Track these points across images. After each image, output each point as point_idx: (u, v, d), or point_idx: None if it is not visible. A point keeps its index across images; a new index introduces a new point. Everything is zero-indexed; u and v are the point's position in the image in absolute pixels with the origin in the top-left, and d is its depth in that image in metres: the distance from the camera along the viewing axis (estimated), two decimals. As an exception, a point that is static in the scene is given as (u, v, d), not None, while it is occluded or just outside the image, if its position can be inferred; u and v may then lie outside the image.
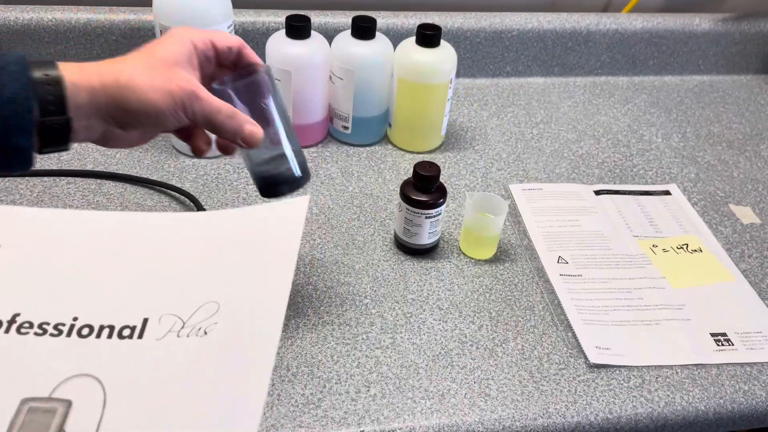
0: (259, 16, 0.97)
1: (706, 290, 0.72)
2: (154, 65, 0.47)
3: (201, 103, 0.48)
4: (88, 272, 0.42)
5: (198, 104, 0.48)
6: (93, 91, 0.45)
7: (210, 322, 0.39)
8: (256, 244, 0.44)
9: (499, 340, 0.64)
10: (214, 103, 0.49)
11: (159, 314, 0.40)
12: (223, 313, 0.40)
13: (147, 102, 0.46)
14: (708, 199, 0.87)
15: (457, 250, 0.74)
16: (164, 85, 0.47)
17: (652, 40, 1.12)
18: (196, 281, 0.42)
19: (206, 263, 0.43)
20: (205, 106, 0.49)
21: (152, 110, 0.47)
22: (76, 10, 0.93)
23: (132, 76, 0.46)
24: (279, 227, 0.45)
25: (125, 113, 0.47)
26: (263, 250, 0.44)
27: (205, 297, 0.41)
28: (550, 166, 0.90)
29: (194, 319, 0.40)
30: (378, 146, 0.91)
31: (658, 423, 0.59)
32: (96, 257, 0.43)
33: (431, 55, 0.83)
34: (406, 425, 0.56)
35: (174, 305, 0.40)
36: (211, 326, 0.39)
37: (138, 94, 0.46)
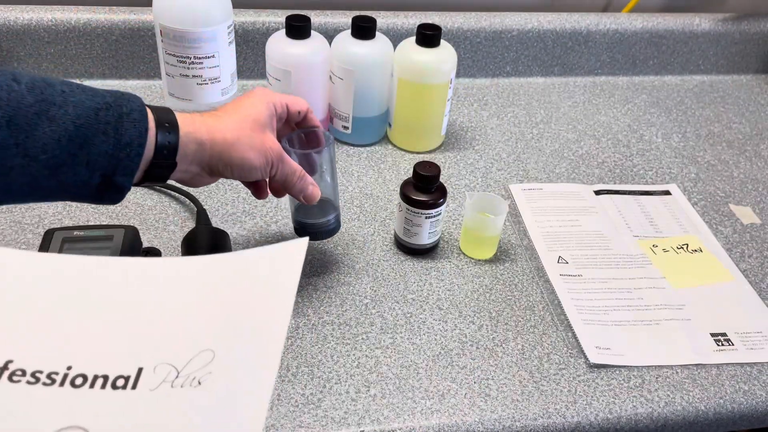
0: (259, 16, 0.97)
1: (706, 290, 0.72)
2: (252, 127, 0.55)
3: (284, 165, 0.57)
4: (83, 319, 0.42)
5: (281, 166, 0.57)
6: (201, 144, 0.52)
7: (204, 372, 0.39)
8: (253, 289, 0.44)
9: (499, 340, 0.64)
10: (293, 166, 0.58)
11: (154, 363, 0.39)
12: (218, 362, 0.39)
13: (246, 159, 0.54)
14: (708, 199, 0.87)
15: (457, 250, 0.74)
16: (260, 147, 0.54)
17: (652, 40, 1.12)
18: (192, 328, 0.42)
19: (202, 309, 0.43)
20: (287, 168, 0.57)
21: (248, 167, 0.54)
22: (76, 10, 0.93)
23: (237, 137, 0.53)
24: (276, 271, 0.45)
25: (225, 166, 0.54)
26: (259, 296, 0.43)
27: (201, 345, 0.40)
28: (550, 166, 0.90)
29: (189, 368, 0.39)
30: (378, 146, 0.91)
31: (658, 423, 0.59)
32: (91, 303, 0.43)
33: (431, 55, 0.83)
34: (406, 425, 0.56)
35: (169, 353, 0.40)
36: (205, 376, 0.38)
37: (240, 152, 0.53)
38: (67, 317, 0.42)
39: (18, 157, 0.44)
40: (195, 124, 0.51)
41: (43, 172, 0.45)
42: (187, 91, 0.77)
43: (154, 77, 0.98)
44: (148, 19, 0.93)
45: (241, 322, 0.42)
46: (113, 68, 0.97)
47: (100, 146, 0.46)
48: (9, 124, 0.43)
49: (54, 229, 0.63)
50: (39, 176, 0.45)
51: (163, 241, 0.71)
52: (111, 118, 0.47)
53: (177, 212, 0.75)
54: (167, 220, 0.74)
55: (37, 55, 0.93)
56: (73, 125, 0.45)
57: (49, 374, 0.38)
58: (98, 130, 0.46)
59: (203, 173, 0.54)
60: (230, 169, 0.54)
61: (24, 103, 0.44)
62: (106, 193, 0.48)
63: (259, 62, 1.00)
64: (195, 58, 0.74)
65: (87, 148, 0.46)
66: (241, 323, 0.42)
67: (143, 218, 0.74)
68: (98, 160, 0.46)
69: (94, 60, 0.95)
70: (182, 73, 0.75)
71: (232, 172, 0.54)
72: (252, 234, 0.73)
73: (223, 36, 0.75)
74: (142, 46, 0.95)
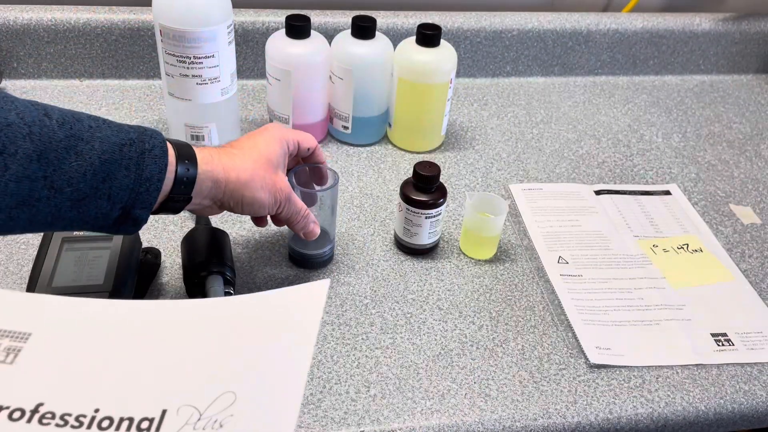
0: (259, 16, 0.97)
1: (707, 290, 0.72)
2: (265, 168, 0.57)
3: (290, 204, 0.60)
4: (111, 362, 0.43)
5: (288, 205, 0.60)
6: (217, 182, 0.54)
7: (226, 414, 0.39)
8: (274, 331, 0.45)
9: (499, 340, 0.64)
10: (298, 205, 0.61)
11: (177, 405, 0.40)
12: (239, 405, 0.40)
13: (256, 198, 0.56)
14: (708, 199, 0.87)
15: (457, 250, 0.74)
16: (271, 187, 0.57)
17: (652, 40, 1.12)
18: (215, 370, 0.43)
19: (224, 351, 0.44)
20: (293, 207, 0.60)
21: (258, 206, 0.57)
22: (76, 10, 0.93)
23: (252, 177, 0.56)
24: (297, 312, 0.46)
25: (236, 203, 0.56)
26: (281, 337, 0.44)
27: (222, 387, 0.41)
28: (550, 166, 0.90)
29: (211, 410, 0.40)
30: (378, 146, 0.91)
31: (658, 423, 0.59)
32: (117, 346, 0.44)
33: (431, 55, 0.83)
34: (406, 425, 0.56)
35: (191, 396, 0.41)
36: (226, 418, 0.39)
37: (253, 191, 0.56)
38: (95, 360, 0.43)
39: (45, 189, 0.45)
40: (212, 162, 0.54)
41: (66, 204, 0.47)
42: (187, 90, 0.77)
43: (153, 77, 0.98)
44: (148, 19, 0.93)
45: (263, 364, 0.42)
46: (113, 68, 0.97)
47: (123, 180, 0.48)
48: (39, 158, 0.45)
49: (54, 229, 0.63)
50: (62, 207, 0.47)
51: (162, 241, 0.71)
52: (134, 154, 0.49)
53: (177, 212, 0.75)
54: (167, 220, 0.74)
55: (37, 55, 0.93)
56: (99, 160, 0.47)
57: (77, 417, 0.39)
58: (121, 165, 0.48)
59: (214, 206, 0.57)
60: (241, 206, 0.57)
61: (55, 138, 0.45)
62: (123, 225, 0.50)
63: (259, 62, 1.00)
64: (195, 57, 0.74)
65: (110, 182, 0.48)
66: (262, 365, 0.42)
67: (143, 218, 0.74)
68: (119, 193, 0.48)
69: (93, 60, 0.95)
70: (182, 72, 0.75)
71: (243, 208, 0.57)
72: (252, 234, 0.73)
73: (223, 36, 0.75)
74: (142, 46, 0.95)
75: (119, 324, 0.46)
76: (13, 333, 0.44)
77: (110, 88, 0.96)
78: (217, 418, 0.39)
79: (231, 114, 0.84)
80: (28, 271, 0.62)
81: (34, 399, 0.40)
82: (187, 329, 0.45)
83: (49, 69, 0.95)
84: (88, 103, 0.92)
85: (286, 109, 0.84)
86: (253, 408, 0.39)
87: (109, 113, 0.91)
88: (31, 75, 0.95)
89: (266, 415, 0.39)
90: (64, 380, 0.41)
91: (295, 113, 0.84)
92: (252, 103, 0.97)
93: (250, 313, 0.46)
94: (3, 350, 0.42)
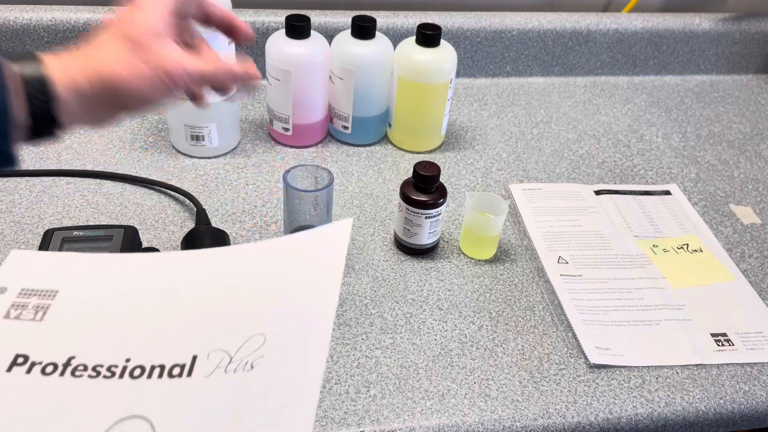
0: (259, 16, 0.97)
1: (707, 290, 0.72)
2: (132, 47, 0.46)
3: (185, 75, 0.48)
4: (139, 313, 0.44)
5: (182, 80, 0.48)
6: (79, 90, 0.45)
7: (257, 356, 0.40)
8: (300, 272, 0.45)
9: (499, 340, 0.64)
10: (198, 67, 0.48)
11: (207, 350, 0.41)
12: (269, 346, 0.40)
13: (133, 93, 0.46)
14: (708, 199, 0.87)
15: (457, 250, 0.74)
16: (145, 70, 0.46)
17: (652, 40, 1.12)
18: (243, 314, 0.43)
19: (251, 295, 0.45)
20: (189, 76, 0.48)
21: (139, 100, 0.47)
22: (76, 10, 0.93)
23: (113, 69, 0.45)
24: (322, 252, 0.46)
25: (114, 107, 0.47)
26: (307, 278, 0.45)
27: (252, 330, 0.42)
28: (550, 166, 0.90)
29: (241, 353, 0.40)
30: (378, 146, 0.91)
31: (658, 423, 0.59)
32: (145, 297, 0.45)
33: (431, 55, 0.83)
34: (406, 425, 0.56)
35: (221, 340, 0.41)
36: (257, 360, 0.40)
37: (123, 86, 0.45)
38: (124, 313, 0.44)
39: None
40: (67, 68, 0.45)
41: None
42: (187, 91, 0.77)
43: (153, 77, 0.98)
44: (148, 19, 0.93)
45: (290, 305, 0.43)
46: (113, 68, 0.96)
47: None
48: None
49: (54, 229, 0.63)
50: None
51: (162, 241, 0.71)
52: None
53: (177, 212, 0.75)
54: (167, 220, 0.74)
55: (37, 55, 0.93)
56: None
57: (109, 367, 0.40)
58: None
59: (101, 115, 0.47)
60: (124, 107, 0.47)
61: None
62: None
63: (259, 62, 0.99)
64: (195, 58, 0.74)
65: None
66: (290, 306, 0.43)
67: (143, 218, 0.74)
68: None
69: (93, 60, 0.95)
70: (182, 73, 0.75)
71: (128, 109, 0.47)
72: (252, 234, 0.73)
73: (223, 36, 0.75)
74: (142, 46, 0.95)
75: (145, 276, 0.46)
76: (40, 291, 0.45)
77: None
78: (248, 360, 0.39)
79: (231, 114, 0.84)
80: (28, 271, 0.62)
81: (66, 353, 0.40)
82: (213, 276, 0.46)
83: (49, 69, 0.95)
84: (88, 103, 0.92)
85: (286, 109, 0.84)
86: (283, 348, 0.40)
87: (109, 113, 0.91)
88: (31, 75, 0.95)
89: (296, 355, 0.39)
90: (94, 333, 0.42)
91: (295, 113, 0.84)
92: (252, 103, 0.97)
93: (275, 256, 0.47)
94: (32, 308, 0.43)
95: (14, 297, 0.44)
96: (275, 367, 0.39)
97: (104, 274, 0.47)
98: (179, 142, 0.83)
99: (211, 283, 0.45)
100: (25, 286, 0.45)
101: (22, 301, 0.44)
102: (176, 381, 0.39)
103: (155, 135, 0.88)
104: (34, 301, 0.44)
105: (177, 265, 0.47)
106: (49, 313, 0.43)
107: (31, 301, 0.44)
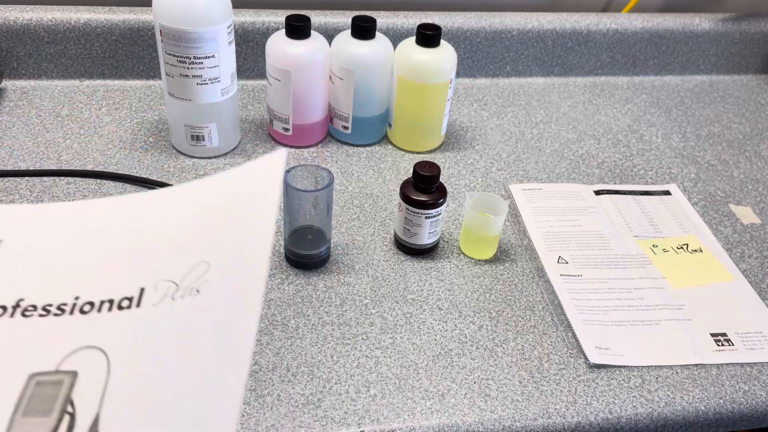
0: (259, 16, 0.97)
1: (706, 290, 0.72)
2: None
3: None
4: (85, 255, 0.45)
5: None
6: None
7: (202, 281, 0.42)
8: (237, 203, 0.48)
9: (499, 340, 0.64)
10: None
11: (154, 282, 0.42)
12: (214, 271, 0.42)
13: None
14: (708, 199, 0.87)
15: (457, 250, 0.74)
16: None
17: (652, 40, 1.12)
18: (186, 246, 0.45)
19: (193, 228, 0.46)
20: None
21: None
22: (76, 10, 0.93)
23: None
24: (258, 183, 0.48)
25: None
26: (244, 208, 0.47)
27: (195, 258, 0.43)
28: (550, 166, 0.90)
29: (187, 280, 0.42)
30: (378, 146, 0.91)
31: (658, 423, 0.59)
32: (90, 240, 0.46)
33: (431, 55, 0.83)
34: (406, 425, 0.56)
35: (167, 271, 0.43)
36: (202, 284, 0.41)
37: None
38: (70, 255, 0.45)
39: None
40: None
41: None
42: (187, 91, 0.77)
43: (154, 77, 0.98)
44: (148, 19, 0.93)
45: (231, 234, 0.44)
46: (113, 68, 0.97)
47: None
48: None
49: (54, 229, 0.63)
50: None
51: (163, 241, 0.71)
52: None
53: (177, 212, 0.75)
54: (167, 220, 0.74)
55: (37, 55, 0.93)
56: None
57: (59, 306, 0.41)
58: None
59: None
60: None
61: None
62: None
63: (259, 62, 1.00)
64: (195, 58, 0.74)
65: None
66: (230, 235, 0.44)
67: (143, 218, 0.74)
68: None
69: (94, 60, 0.95)
70: (182, 73, 0.75)
71: None
72: (252, 234, 0.73)
73: (223, 36, 0.75)
74: (142, 46, 0.95)
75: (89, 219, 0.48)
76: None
77: (110, 88, 0.96)
78: (194, 285, 0.41)
79: (231, 114, 0.84)
80: (28, 271, 0.62)
81: (14, 295, 0.41)
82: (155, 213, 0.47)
83: (49, 69, 0.95)
84: (88, 104, 0.92)
85: (286, 109, 0.84)
86: (226, 272, 0.41)
87: (110, 113, 0.91)
88: (31, 75, 0.95)
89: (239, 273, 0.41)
90: (40, 276, 0.43)
91: (295, 113, 0.84)
92: (252, 103, 0.97)
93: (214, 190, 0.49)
94: None
95: None
96: (219, 289, 0.40)
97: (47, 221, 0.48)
98: (179, 142, 0.84)
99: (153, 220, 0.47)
100: None
101: None
102: (126, 312, 0.40)
103: (155, 135, 0.88)
104: None
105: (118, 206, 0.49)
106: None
107: None
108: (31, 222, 0.48)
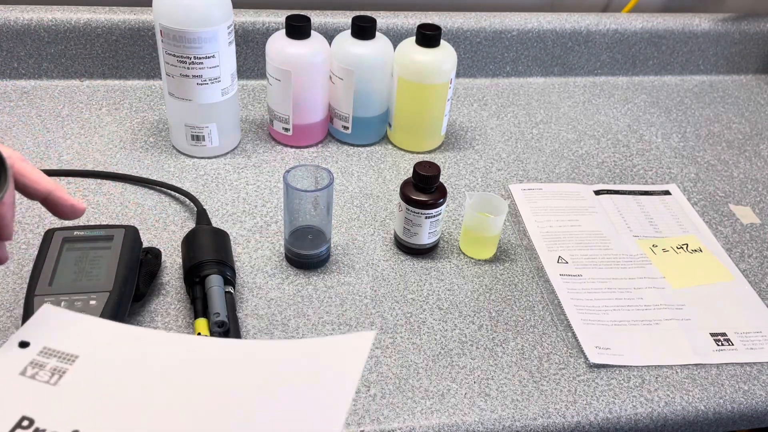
0: (259, 16, 0.97)
1: (706, 290, 0.72)
2: None
3: None
4: (150, 397, 0.43)
5: None
6: None
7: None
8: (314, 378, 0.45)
9: (499, 340, 0.64)
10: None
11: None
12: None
13: None
14: (708, 199, 0.87)
15: (457, 250, 0.74)
16: None
17: (652, 40, 1.12)
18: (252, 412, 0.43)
19: (262, 395, 0.44)
20: None
21: None
22: (76, 10, 0.93)
23: None
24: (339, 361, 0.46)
25: None
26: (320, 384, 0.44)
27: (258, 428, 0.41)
28: (550, 166, 0.90)
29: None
30: (378, 146, 0.91)
31: (658, 423, 0.59)
32: (158, 380, 0.45)
33: (431, 55, 0.83)
34: (406, 425, 0.56)
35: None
36: None
37: None
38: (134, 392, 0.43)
39: None
40: None
41: None
42: (187, 91, 0.77)
43: (154, 77, 0.98)
44: (148, 19, 0.93)
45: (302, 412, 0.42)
46: (113, 68, 0.97)
47: None
48: None
49: (54, 229, 0.63)
50: None
51: (163, 241, 0.71)
52: None
53: (177, 212, 0.75)
54: (167, 220, 0.74)
55: (37, 55, 0.93)
56: None
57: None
58: None
59: None
60: None
61: None
62: None
63: (259, 62, 1.00)
64: (195, 58, 0.74)
65: None
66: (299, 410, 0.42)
67: (143, 218, 0.74)
68: None
69: (94, 60, 0.95)
70: (182, 73, 0.75)
71: None
72: (252, 234, 0.73)
73: (223, 36, 0.75)
74: (142, 46, 0.95)
75: (164, 356, 0.46)
76: (61, 354, 0.44)
77: (111, 88, 0.96)
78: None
79: (231, 114, 0.84)
80: (28, 271, 0.62)
81: (71, 424, 0.40)
82: (229, 368, 0.46)
83: (49, 69, 0.95)
84: (88, 104, 0.92)
85: (286, 109, 0.84)
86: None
87: (110, 113, 0.91)
88: (31, 75, 0.95)
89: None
90: (101, 409, 0.42)
91: (295, 113, 0.84)
92: (252, 103, 0.97)
93: (293, 358, 0.47)
94: (49, 370, 0.43)
95: (35, 354, 0.43)
96: None
97: (127, 347, 0.46)
98: (179, 142, 0.84)
99: (226, 377, 0.45)
100: (47, 345, 0.44)
101: (42, 360, 0.43)
102: None
103: (155, 135, 0.88)
104: (52, 363, 0.43)
105: (196, 352, 0.47)
106: (64, 378, 0.43)
107: (49, 363, 0.43)
108: (113, 343, 0.46)
